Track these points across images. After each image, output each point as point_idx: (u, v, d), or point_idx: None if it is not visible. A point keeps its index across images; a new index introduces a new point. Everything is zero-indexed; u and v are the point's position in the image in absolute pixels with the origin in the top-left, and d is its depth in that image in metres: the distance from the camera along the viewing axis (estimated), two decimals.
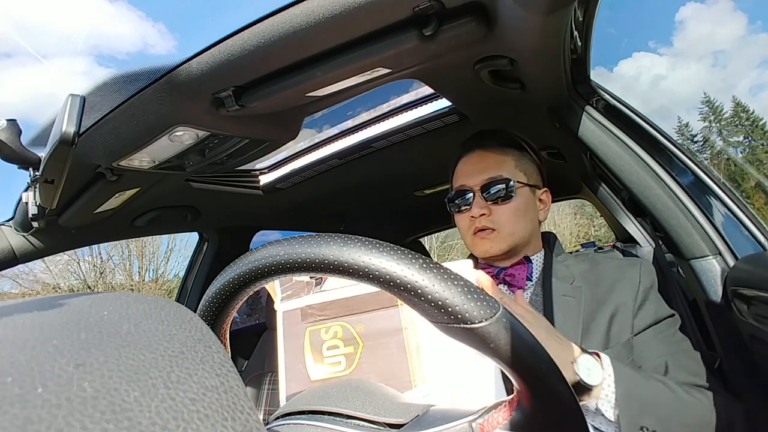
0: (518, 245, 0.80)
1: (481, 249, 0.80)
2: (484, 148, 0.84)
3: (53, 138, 0.60)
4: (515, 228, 0.79)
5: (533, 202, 0.83)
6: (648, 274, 0.75)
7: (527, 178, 0.82)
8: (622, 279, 0.74)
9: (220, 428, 0.15)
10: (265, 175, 1.28)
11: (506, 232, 0.79)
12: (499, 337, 0.30)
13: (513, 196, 0.79)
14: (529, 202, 0.82)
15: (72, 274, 10.41)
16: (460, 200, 0.82)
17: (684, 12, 38.49)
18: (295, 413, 0.40)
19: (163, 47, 34.09)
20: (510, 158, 0.82)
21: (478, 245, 0.80)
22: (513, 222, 0.79)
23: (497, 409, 0.35)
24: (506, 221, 0.79)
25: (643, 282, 0.73)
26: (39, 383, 0.13)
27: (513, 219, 0.79)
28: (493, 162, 0.81)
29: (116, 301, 0.19)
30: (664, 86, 37.95)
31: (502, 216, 0.79)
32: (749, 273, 0.62)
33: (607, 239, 12.28)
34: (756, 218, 0.71)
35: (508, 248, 0.79)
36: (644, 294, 0.72)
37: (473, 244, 0.81)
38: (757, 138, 20.95)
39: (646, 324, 0.70)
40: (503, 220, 0.79)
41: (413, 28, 0.58)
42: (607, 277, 0.75)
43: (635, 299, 0.72)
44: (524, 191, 0.81)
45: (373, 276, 0.29)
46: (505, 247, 0.79)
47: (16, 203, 0.96)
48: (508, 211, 0.79)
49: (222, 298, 0.37)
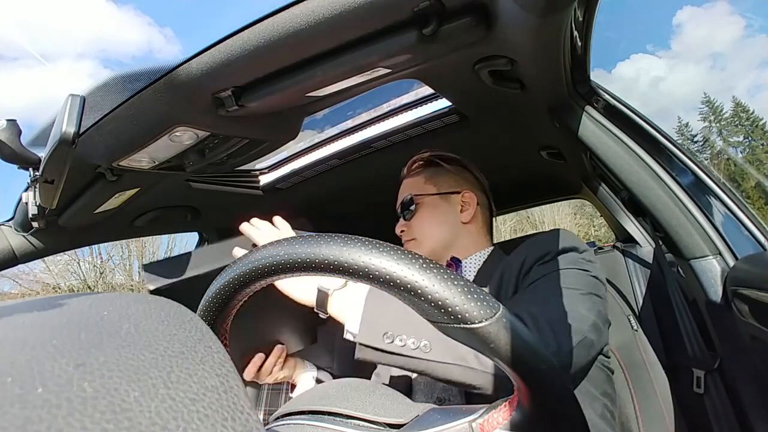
0: (437, 248, 0.90)
1: None
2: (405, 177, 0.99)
3: (53, 138, 0.60)
4: (429, 234, 0.90)
5: (445, 208, 0.91)
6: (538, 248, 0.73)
7: (437, 188, 0.92)
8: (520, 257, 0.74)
9: (220, 428, 0.15)
10: (265, 175, 1.28)
11: (420, 239, 0.90)
12: (499, 337, 0.30)
13: (415, 209, 0.91)
14: (437, 209, 0.91)
15: (72, 274, 10.41)
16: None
17: (681, 15, 38.56)
18: (295, 413, 0.40)
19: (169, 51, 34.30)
20: (420, 177, 0.95)
21: None
22: (422, 230, 0.91)
23: (497, 409, 0.35)
24: (417, 231, 0.91)
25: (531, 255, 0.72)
26: (39, 383, 0.13)
27: (421, 228, 0.91)
28: (405, 187, 0.97)
29: (116, 301, 0.19)
30: (663, 88, 37.99)
31: (413, 228, 0.92)
32: (749, 273, 0.62)
33: (607, 239, 12.26)
34: (756, 218, 0.71)
35: (429, 252, 0.89)
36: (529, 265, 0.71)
37: None
38: (757, 138, 20.95)
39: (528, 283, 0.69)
40: (414, 231, 0.91)
41: (413, 28, 0.58)
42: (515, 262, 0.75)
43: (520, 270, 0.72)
44: (430, 200, 0.92)
45: (373, 276, 0.29)
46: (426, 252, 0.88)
47: (16, 203, 0.96)
48: (417, 222, 0.91)
49: (222, 298, 0.37)
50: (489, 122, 1.02)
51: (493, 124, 1.03)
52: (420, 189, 0.93)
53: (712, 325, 0.73)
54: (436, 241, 0.90)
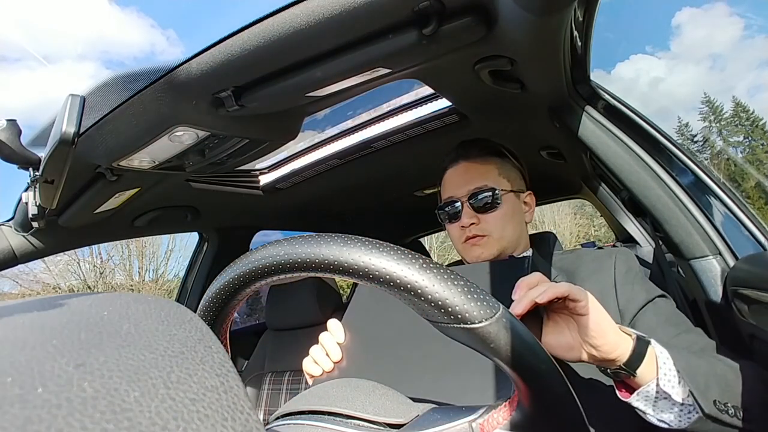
0: (506, 248, 0.84)
1: (472, 255, 0.83)
2: (468, 158, 0.87)
3: (53, 138, 0.60)
4: (504, 233, 0.83)
5: (519, 207, 0.87)
6: (623, 261, 0.74)
7: (510, 185, 0.86)
8: (599, 269, 0.74)
9: (220, 428, 0.15)
10: (265, 175, 1.28)
11: (495, 237, 0.82)
12: (499, 337, 0.30)
13: (499, 203, 0.83)
14: (515, 206, 0.86)
15: (72, 274, 10.40)
16: (450, 210, 0.85)
17: (680, 17, 38.62)
18: (295, 413, 0.40)
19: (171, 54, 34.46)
20: (492, 167, 0.86)
21: (470, 251, 0.83)
22: (501, 227, 0.82)
23: (497, 409, 0.35)
24: (494, 227, 0.82)
25: (618, 268, 0.73)
26: (39, 383, 0.13)
27: (501, 225, 0.83)
28: (476, 172, 0.85)
29: (116, 301, 0.19)
30: (663, 88, 38.05)
31: (490, 223, 0.82)
32: (749, 273, 0.62)
33: (607, 239, 12.28)
34: (756, 218, 0.71)
35: (498, 252, 0.83)
36: (622, 278, 0.72)
37: (464, 251, 0.85)
38: (757, 138, 20.95)
39: (637, 306, 0.68)
40: (491, 227, 0.82)
41: (413, 28, 0.58)
42: (585, 270, 0.75)
43: (613, 285, 0.71)
44: (509, 197, 0.85)
45: (373, 276, 0.29)
46: (495, 252, 0.82)
47: (16, 203, 0.96)
48: (496, 218, 0.83)
49: (222, 298, 0.37)
50: (489, 122, 1.02)
51: (493, 124, 1.03)
52: (497, 182, 0.84)
53: (712, 325, 0.73)
54: (508, 241, 0.83)
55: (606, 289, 0.71)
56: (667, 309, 0.69)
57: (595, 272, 0.74)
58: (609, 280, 0.72)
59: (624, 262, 0.74)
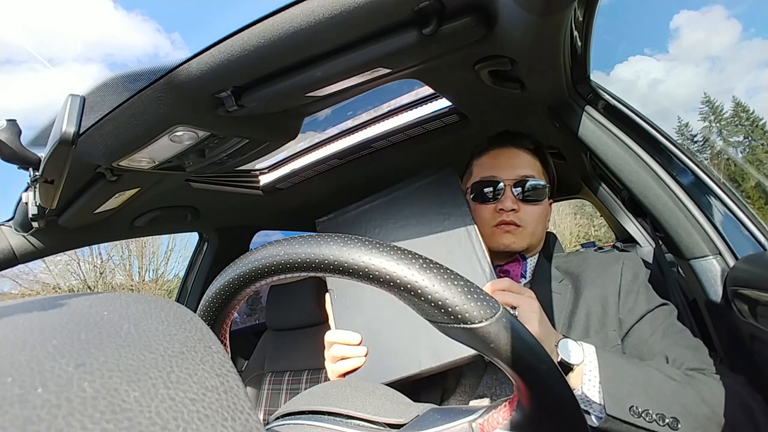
0: (532, 246, 0.82)
1: (503, 242, 0.79)
2: (518, 146, 0.84)
3: (53, 138, 0.60)
4: (537, 229, 0.81)
5: (549, 210, 0.87)
6: (630, 268, 0.74)
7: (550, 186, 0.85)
8: (604, 273, 0.74)
9: (220, 428, 0.15)
10: (265, 175, 1.28)
11: (529, 231, 0.79)
12: (499, 337, 0.29)
13: (543, 199, 0.81)
14: (547, 209, 0.86)
15: (72, 274, 10.41)
16: (489, 191, 0.80)
17: (678, 19, 38.62)
18: (295, 413, 0.40)
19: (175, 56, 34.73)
20: (539, 163, 0.85)
21: (501, 238, 0.79)
22: (535, 223, 0.80)
23: (497, 409, 0.35)
24: (531, 221, 0.79)
25: (625, 275, 0.72)
26: (39, 383, 0.13)
27: (536, 220, 0.80)
28: (527, 161, 0.82)
29: (116, 301, 0.19)
30: (662, 89, 38.06)
31: (530, 215, 0.79)
32: (749, 273, 0.62)
33: (607, 239, 12.28)
34: (756, 218, 0.71)
35: (526, 246, 0.80)
36: (627, 286, 0.72)
37: (494, 235, 0.80)
38: (757, 138, 20.95)
39: (636, 316, 0.69)
40: (530, 219, 0.79)
41: (413, 28, 0.58)
42: (591, 273, 0.75)
43: (617, 292, 0.71)
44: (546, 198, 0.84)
45: (373, 276, 0.29)
46: (524, 245, 0.80)
47: (16, 203, 0.96)
48: (536, 211, 0.80)
49: (222, 298, 0.37)
50: (489, 122, 1.02)
51: (493, 124, 1.03)
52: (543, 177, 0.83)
53: (712, 325, 0.73)
54: (537, 239, 0.82)
55: (609, 295, 0.71)
56: (664, 320, 0.69)
57: (601, 276, 0.74)
58: (614, 287, 0.72)
59: (631, 268, 0.74)
